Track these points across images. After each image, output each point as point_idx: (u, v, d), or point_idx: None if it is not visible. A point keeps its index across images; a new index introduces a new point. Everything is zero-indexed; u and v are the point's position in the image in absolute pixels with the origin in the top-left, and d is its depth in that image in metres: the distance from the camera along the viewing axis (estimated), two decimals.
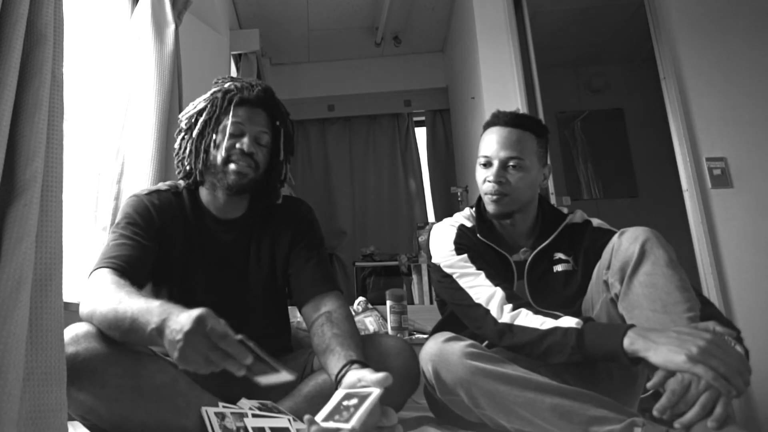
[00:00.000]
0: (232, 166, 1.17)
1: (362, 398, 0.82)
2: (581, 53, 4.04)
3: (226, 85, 1.22)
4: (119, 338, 0.93)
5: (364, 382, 0.88)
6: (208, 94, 1.23)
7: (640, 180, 3.99)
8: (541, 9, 3.32)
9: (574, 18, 3.57)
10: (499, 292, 1.13)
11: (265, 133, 1.22)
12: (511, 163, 1.26)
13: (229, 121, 1.17)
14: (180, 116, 1.27)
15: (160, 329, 0.84)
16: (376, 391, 0.83)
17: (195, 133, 1.20)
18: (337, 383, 0.97)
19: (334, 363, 1.00)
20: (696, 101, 2.55)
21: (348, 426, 0.77)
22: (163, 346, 0.85)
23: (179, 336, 0.80)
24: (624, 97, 4.14)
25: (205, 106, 1.21)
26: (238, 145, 1.17)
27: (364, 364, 0.98)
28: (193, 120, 1.22)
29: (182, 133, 1.24)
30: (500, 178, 1.25)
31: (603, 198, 4.00)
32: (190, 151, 1.20)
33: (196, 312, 0.81)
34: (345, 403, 0.84)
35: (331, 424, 0.79)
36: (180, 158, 1.23)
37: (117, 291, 0.95)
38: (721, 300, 2.26)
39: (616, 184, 4.02)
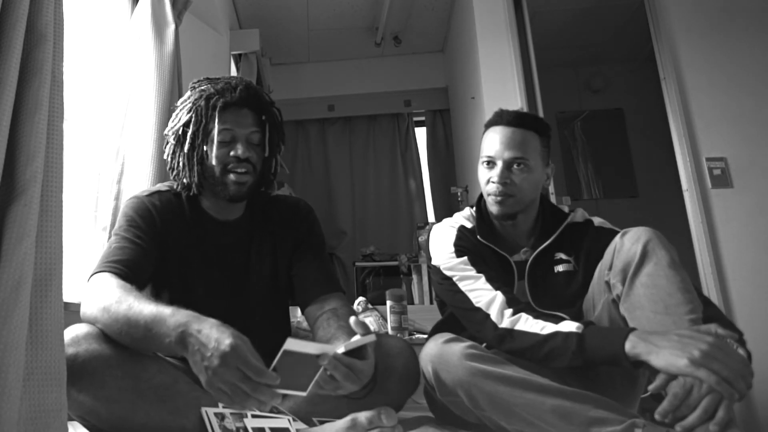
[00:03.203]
0: (231, 176, 1.15)
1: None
2: (581, 53, 4.04)
3: (205, 89, 1.19)
4: (130, 344, 0.92)
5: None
6: (189, 103, 1.19)
7: (640, 180, 3.99)
8: (541, 9, 3.32)
9: (574, 18, 3.57)
10: (499, 297, 1.12)
11: (256, 133, 1.20)
12: (515, 164, 1.24)
13: (216, 129, 1.15)
14: (166, 131, 1.24)
15: (182, 341, 0.82)
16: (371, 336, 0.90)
17: (186, 147, 1.17)
18: None
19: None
20: (696, 101, 2.55)
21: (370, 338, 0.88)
22: (181, 356, 0.84)
23: (214, 362, 0.77)
24: (624, 97, 4.14)
25: (190, 117, 1.17)
26: (232, 153, 1.15)
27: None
28: (180, 133, 1.19)
29: (172, 148, 1.21)
30: (505, 179, 1.24)
31: (603, 198, 4.00)
32: (184, 165, 1.18)
33: (229, 339, 0.78)
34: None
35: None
36: (175, 172, 1.21)
37: (126, 296, 0.93)
38: (722, 300, 2.26)
39: (616, 184, 4.02)
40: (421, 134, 4.32)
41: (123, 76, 1.78)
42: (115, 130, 1.72)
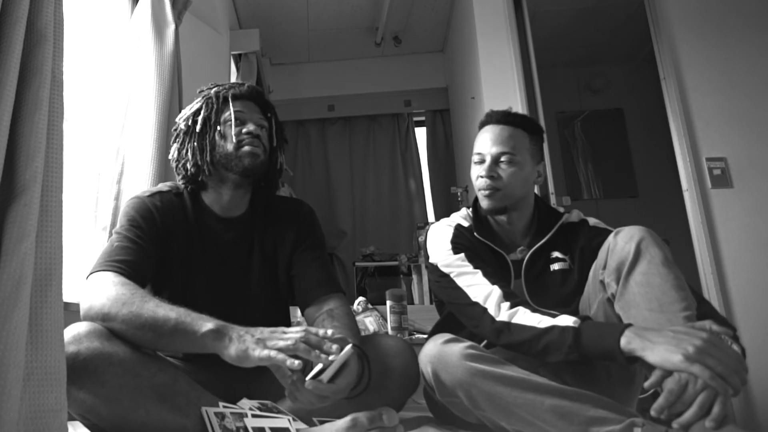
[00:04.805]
0: (246, 148, 1.20)
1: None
2: (581, 53, 4.04)
3: (214, 89, 1.27)
4: (150, 339, 0.94)
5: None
6: (199, 98, 1.27)
7: (640, 180, 3.99)
8: (541, 9, 3.32)
9: (574, 18, 3.57)
10: (496, 290, 1.13)
11: (263, 120, 1.27)
12: (503, 159, 1.28)
13: (230, 111, 1.22)
14: (176, 119, 1.29)
15: (220, 332, 0.90)
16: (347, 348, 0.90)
17: (198, 130, 1.22)
18: None
19: None
20: (696, 101, 2.56)
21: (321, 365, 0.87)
22: (213, 350, 0.90)
23: (266, 332, 0.90)
24: (624, 97, 4.14)
25: (201, 106, 1.24)
26: (245, 130, 1.21)
27: (358, 347, 0.99)
28: (190, 121, 1.24)
29: (181, 137, 1.25)
30: (492, 173, 1.28)
31: (603, 198, 4.00)
32: (194, 150, 1.21)
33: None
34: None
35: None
36: (182, 162, 1.23)
37: (148, 295, 0.98)
38: (721, 300, 2.26)
39: (616, 184, 4.02)
40: (421, 134, 4.32)
41: (123, 76, 1.78)
42: (115, 130, 1.73)
